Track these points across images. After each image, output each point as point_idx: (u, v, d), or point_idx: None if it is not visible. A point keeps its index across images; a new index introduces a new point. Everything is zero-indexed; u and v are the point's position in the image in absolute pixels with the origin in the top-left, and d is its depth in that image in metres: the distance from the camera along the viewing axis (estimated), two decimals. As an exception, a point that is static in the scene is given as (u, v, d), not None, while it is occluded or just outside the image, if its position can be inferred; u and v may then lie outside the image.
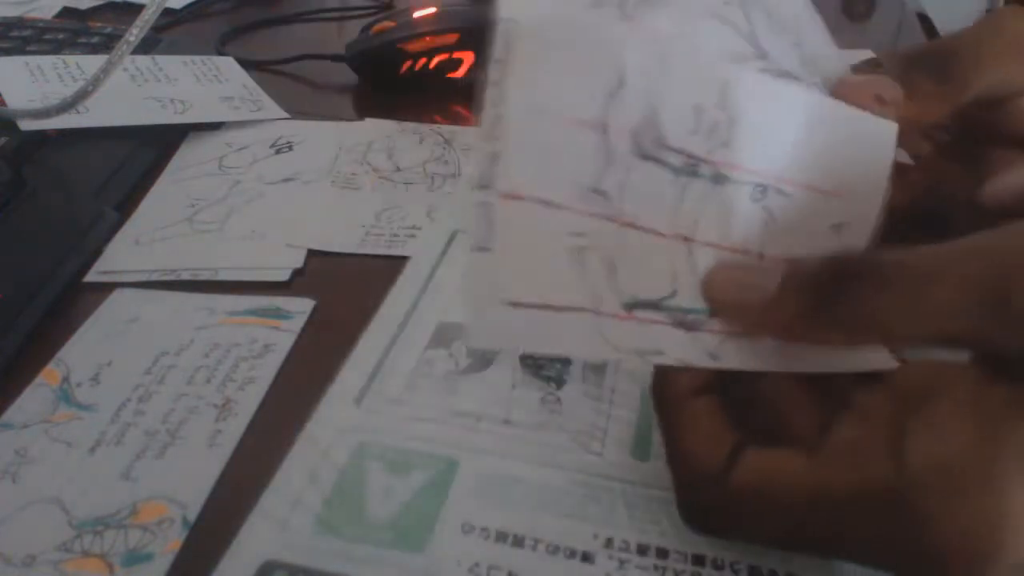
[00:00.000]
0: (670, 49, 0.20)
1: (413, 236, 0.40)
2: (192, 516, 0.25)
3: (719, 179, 0.21)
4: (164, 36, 0.61)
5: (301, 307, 0.34)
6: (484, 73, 0.18)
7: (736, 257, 0.22)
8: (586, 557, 0.24)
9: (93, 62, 0.50)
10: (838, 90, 0.23)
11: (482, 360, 0.31)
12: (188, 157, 0.47)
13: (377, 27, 0.56)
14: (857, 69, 0.25)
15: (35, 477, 0.27)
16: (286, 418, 0.29)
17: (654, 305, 0.21)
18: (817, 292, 0.20)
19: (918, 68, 0.24)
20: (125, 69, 0.50)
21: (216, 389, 0.30)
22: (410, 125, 0.50)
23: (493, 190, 0.19)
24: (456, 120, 0.52)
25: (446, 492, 0.26)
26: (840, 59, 0.24)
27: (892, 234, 0.24)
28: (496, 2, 0.18)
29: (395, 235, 0.40)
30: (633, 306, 0.21)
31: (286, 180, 0.44)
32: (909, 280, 0.18)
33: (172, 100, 0.50)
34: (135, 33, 0.43)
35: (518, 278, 0.20)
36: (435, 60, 0.54)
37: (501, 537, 0.25)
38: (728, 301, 0.21)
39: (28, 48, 0.55)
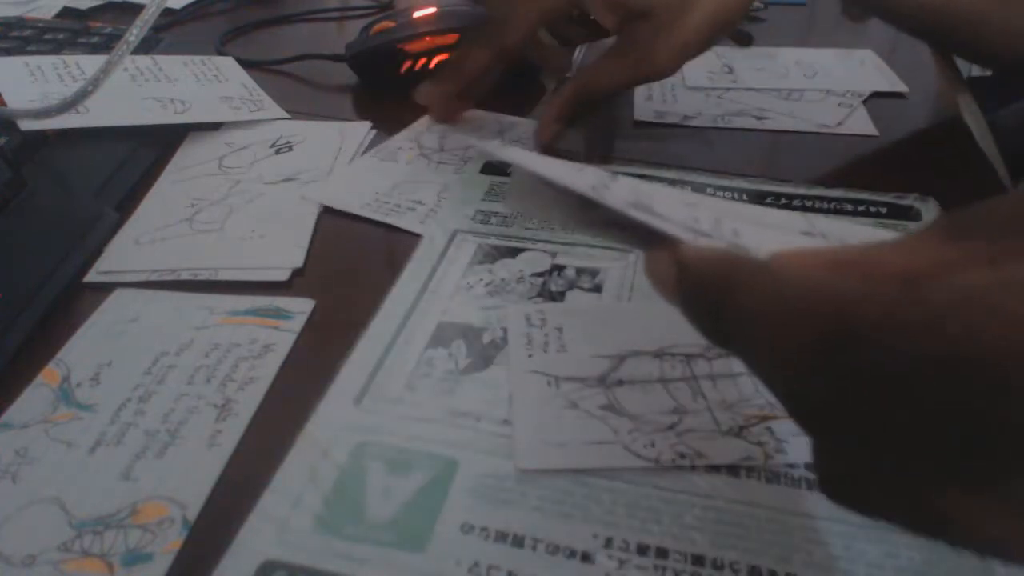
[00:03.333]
0: None
1: (413, 210, 0.41)
2: (192, 516, 0.25)
3: None
4: (164, 36, 0.61)
5: (301, 307, 0.34)
6: None
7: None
8: (586, 557, 0.24)
9: (93, 62, 0.50)
10: None
11: (482, 360, 0.31)
12: (188, 157, 0.47)
13: (377, 27, 0.56)
14: None
15: (35, 477, 0.27)
16: (286, 418, 0.29)
17: None
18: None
19: None
20: (125, 69, 0.50)
21: (216, 389, 0.30)
22: (480, 113, 0.51)
23: None
24: (517, 112, 0.52)
25: (446, 492, 0.26)
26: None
27: None
28: None
29: (397, 205, 0.41)
30: None
31: (286, 180, 0.44)
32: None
33: (172, 100, 0.50)
34: (135, 33, 0.43)
35: None
36: (435, 60, 0.54)
37: (501, 537, 0.25)
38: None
39: (28, 48, 0.55)
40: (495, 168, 0.45)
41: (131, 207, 0.42)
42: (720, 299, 0.19)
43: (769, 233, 0.22)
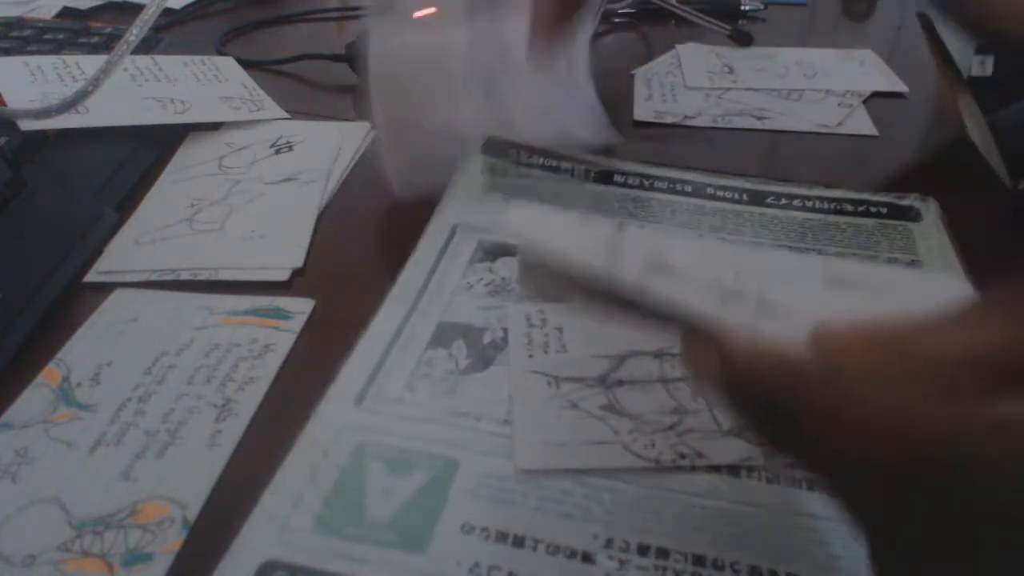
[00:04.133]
0: None
1: None
2: (192, 516, 0.25)
3: None
4: (164, 36, 0.60)
5: (301, 307, 0.34)
6: None
7: None
8: (586, 557, 0.24)
9: (93, 62, 0.50)
10: None
11: (482, 360, 0.31)
12: (188, 157, 0.47)
13: (377, 27, 0.56)
14: None
15: (35, 477, 0.27)
16: (286, 418, 0.29)
17: None
18: None
19: None
20: (125, 69, 0.50)
21: (216, 389, 0.30)
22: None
23: None
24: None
25: (446, 492, 0.26)
26: None
27: None
28: None
29: None
30: None
31: (286, 180, 0.44)
32: None
33: (172, 100, 0.50)
34: (135, 33, 0.43)
35: None
36: (435, 60, 0.54)
37: (501, 537, 0.25)
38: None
39: (28, 48, 0.55)
40: (495, 154, 0.45)
41: (131, 207, 0.42)
42: (771, 402, 0.18)
43: (796, 288, 0.22)
